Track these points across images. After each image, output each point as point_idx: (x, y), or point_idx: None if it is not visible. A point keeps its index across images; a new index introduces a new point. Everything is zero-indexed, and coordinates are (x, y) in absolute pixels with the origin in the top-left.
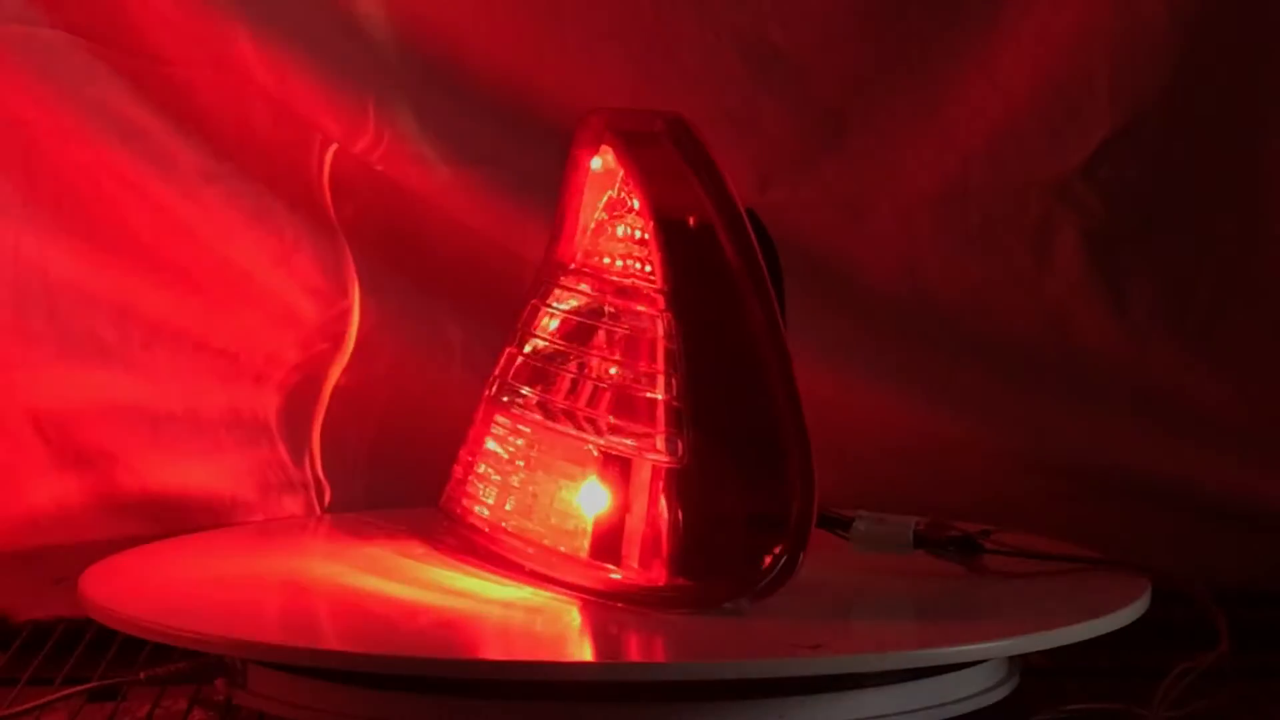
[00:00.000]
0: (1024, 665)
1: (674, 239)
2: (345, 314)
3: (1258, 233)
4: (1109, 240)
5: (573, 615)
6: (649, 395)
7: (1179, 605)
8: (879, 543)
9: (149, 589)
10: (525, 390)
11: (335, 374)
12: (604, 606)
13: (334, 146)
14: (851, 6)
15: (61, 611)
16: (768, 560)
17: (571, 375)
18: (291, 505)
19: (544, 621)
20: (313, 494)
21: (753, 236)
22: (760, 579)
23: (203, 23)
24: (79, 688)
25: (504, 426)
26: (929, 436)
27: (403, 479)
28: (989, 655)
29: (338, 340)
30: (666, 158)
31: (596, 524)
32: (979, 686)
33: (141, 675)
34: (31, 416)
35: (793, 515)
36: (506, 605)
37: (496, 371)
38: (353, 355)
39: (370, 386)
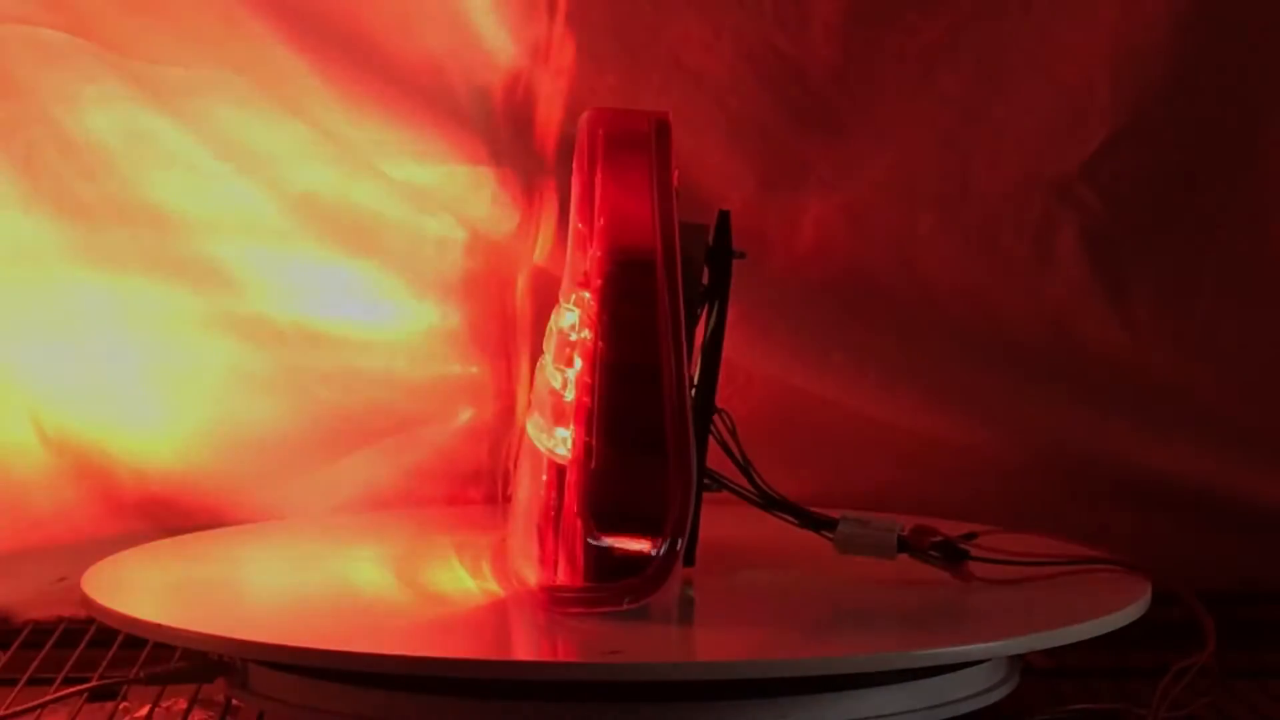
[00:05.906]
0: (1024, 665)
1: (617, 243)
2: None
3: (1258, 232)
4: (1110, 240)
5: (510, 614)
6: (567, 398)
7: (1179, 605)
8: (862, 546)
9: (149, 589)
10: (533, 394)
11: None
12: (530, 605)
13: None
14: (851, 6)
15: (62, 611)
16: (642, 569)
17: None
18: (473, 493)
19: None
20: (499, 482)
21: (678, 255)
22: (636, 585)
23: None
24: (79, 688)
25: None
26: (928, 436)
27: None
28: (988, 655)
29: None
30: (639, 160)
31: (540, 523)
32: (979, 687)
33: (141, 675)
34: (31, 415)
35: (668, 525)
36: (465, 604)
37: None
38: None
39: None
